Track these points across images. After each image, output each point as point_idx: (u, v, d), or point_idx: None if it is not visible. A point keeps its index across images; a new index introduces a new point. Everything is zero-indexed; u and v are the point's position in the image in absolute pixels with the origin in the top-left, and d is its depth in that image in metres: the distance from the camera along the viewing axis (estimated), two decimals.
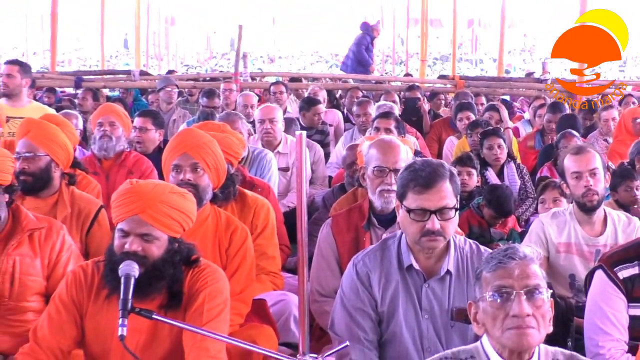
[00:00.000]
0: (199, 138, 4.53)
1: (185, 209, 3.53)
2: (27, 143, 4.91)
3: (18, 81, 7.45)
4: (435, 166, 3.63)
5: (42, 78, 12.05)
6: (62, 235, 4.22)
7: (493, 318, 2.72)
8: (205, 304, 3.45)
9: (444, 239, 3.58)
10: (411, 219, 3.55)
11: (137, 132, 6.91)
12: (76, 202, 5.00)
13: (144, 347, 3.43)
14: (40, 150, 4.89)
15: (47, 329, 3.52)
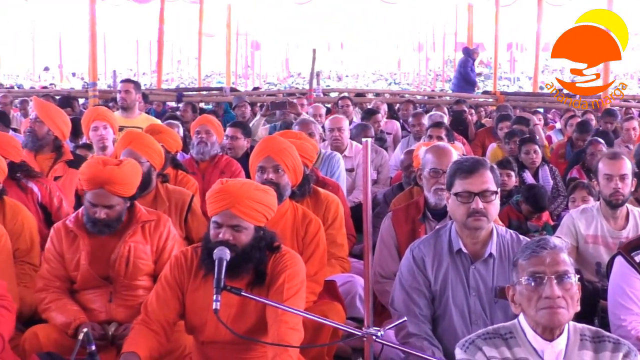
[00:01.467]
0: (280, 144, 4.56)
1: (268, 203, 3.54)
2: (131, 152, 4.96)
3: (133, 96, 7.59)
4: (477, 158, 3.75)
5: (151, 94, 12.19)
6: (168, 226, 4.26)
7: (528, 299, 2.70)
8: (285, 283, 3.45)
9: (487, 220, 3.58)
10: (458, 202, 3.58)
11: (229, 140, 6.96)
12: (172, 196, 5.12)
13: (234, 320, 3.45)
14: (143, 158, 4.95)
15: (155, 304, 3.58)
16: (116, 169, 4.04)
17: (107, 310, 4.07)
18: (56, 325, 3.97)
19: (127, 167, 4.12)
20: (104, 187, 4.00)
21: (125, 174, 4.08)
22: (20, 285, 4.42)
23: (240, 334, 3.36)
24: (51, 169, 5.87)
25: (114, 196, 4.03)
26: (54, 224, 5.02)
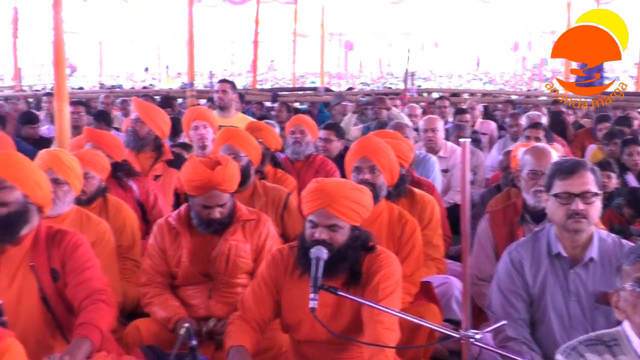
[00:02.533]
0: (376, 144, 4.55)
1: (364, 202, 3.53)
2: (230, 147, 5.06)
3: (230, 96, 7.72)
4: (577, 159, 3.66)
5: (246, 94, 12.35)
6: (267, 226, 4.30)
7: (633, 306, 2.59)
8: (381, 283, 3.44)
9: (587, 222, 3.48)
10: (557, 203, 3.49)
11: (323, 143, 6.99)
12: (269, 192, 5.20)
13: (329, 319, 3.46)
14: (241, 152, 5.04)
15: (252, 301, 3.62)
16: (224, 169, 4.09)
17: (206, 306, 4.15)
18: (157, 319, 4.07)
19: (232, 165, 4.18)
20: (215, 189, 4.07)
21: (232, 171, 4.14)
22: (123, 280, 4.56)
23: (336, 333, 3.37)
24: (151, 168, 6.02)
25: (225, 194, 4.11)
26: (149, 221, 5.18)
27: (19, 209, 3.45)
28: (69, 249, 3.52)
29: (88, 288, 3.44)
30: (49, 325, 3.53)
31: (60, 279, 3.51)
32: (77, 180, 4.39)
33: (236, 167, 4.25)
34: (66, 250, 3.52)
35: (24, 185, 3.46)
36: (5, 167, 3.45)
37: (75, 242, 3.55)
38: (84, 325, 3.27)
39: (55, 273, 3.50)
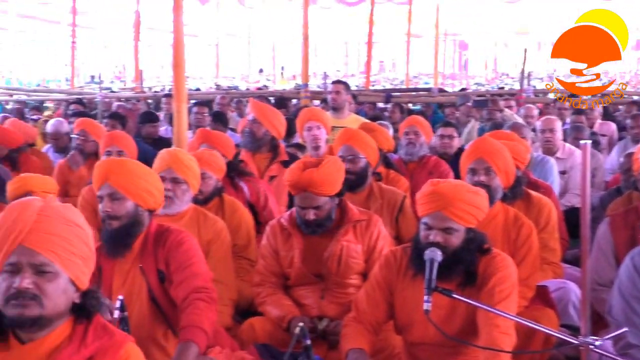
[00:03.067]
0: (492, 145, 4.48)
1: (480, 205, 3.49)
2: (349, 147, 5.09)
3: (343, 97, 7.75)
4: None
5: (359, 95, 12.38)
6: (378, 226, 4.30)
7: None
8: (496, 286, 3.39)
9: None
10: None
11: (445, 140, 6.94)
12: (385, 194, 5.19)
13: (443, 321, 3.43)
14: (360, 154, 5.06)
15: (365, 303, 3.64)
16: (315, 172, 4.08)
17: (318, 306, 4.18)
18: (271, 318, 4.14)
19: (326, 168, 4.14)
20: (307, 190, 4.10)
21: (325, 174, 4.11)
22: (238, 278, 4.64)
23: (450, 335, 3.35)
24: (267, 168, 6.09)
25: (319, 197, 4.11)
26: (261, 222, 5.26)
27: (130, 221, 3.56)
28: (172, 248, 3.59)
29: (187, 287, 3.48)
30: (159, 325, 3.63)
31: (167, 279, 3.59)
32: (195, 179, 4.49)
33: (335, 171, 4.21)
34: (170, 249, 3.59)
35: (135, 196, 3.56)
36: (119, 178, 3.54)
37: (178, 240, 3.61)
38: (186, 329, 3.32)
39: (162, 274, 3.59)
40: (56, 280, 2.26)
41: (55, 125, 8.06)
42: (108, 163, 3.62)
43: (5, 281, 2.23)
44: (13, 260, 2.23)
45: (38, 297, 2.22)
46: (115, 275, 3.58)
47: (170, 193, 4.36)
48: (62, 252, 2.27)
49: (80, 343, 2.31)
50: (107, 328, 2.38)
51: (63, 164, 6.81)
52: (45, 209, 2.29)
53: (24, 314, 2.21)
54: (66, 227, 2.30)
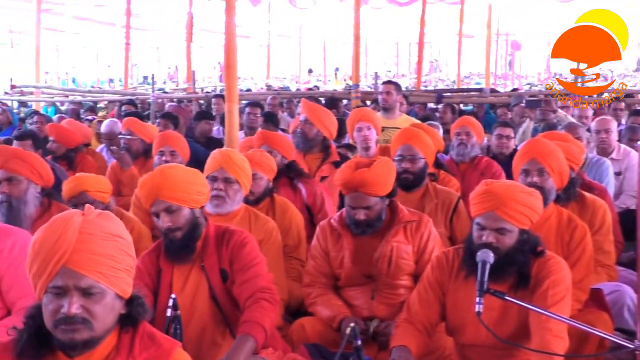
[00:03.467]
0: (546, 146, 4.43)
1: (533, 206, 3.46)
2: (409, 147, 5.09)
3: (394, 97, 7.73)
4: None
5: (410, 95, 12.32)
6: (429, 227, 4.27)
7: None
8: (550, 289, 3.36)
9: None
10: None
11: (503, 140, 6.88)
12: (439, 195, 5.19)
13: (495, 323, 3.40)
14: (420, 154, 5.06)
15: (418, 304, 3.63)
16: (367, 172, 4.08)
17: (369, 307, 4.17)
18: (321, 318, 4.14)
19: (378, 168, 4.14)
20: (359, 190, 4.10)
21: (376, 174, 4.11)
22: (289, 278, 4.66)
23: (502, 338, 3.32)
24: (318, 169, 6.11)
25: (370, 197, 4.11)
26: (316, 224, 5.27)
27: (191, 227, 3.59)
28: (236, 248, 3.62)
29: (253, 286, 3.51)
30: (218, 324, 3.65)
31: (229, 278, 3.61)
32: (247, 179, 4.52)
33: (386, 172, 4.21)
34: (234, 249, 3.62)
35: (189, 202, 3.58)
36: (170, 191, 3.53)
37: (242, 241, 3.64)
38: (247, 323, 3.33)
39: (225, 273, 3.61)
40: (103, 300, 2.24)
41: (109, 126, 8.19)
42: (153, 179, 3.58)
43: (51, 303, 2.21)
44: (58, 284, 2.20)
45: (88, 321, 2.21)
46: (175, 276, 3.62)
47: (222, 193, 4.40)
48: (107, 271, 2.24)
49: (128, 354, 2.31)
50: (154, 337, 2.37)
51: (115, 164, 6.92)
52: (86, 225, 2.25)
53: (74, 339, 2.21)
54: (109, 243, 2.27)
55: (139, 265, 3.60)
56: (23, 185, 4.42)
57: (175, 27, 24.60)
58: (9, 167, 4.42)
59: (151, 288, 3.61)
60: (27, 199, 4.38)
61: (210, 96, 13.26)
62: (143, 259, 3.67)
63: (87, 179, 4.76)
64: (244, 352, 3.20)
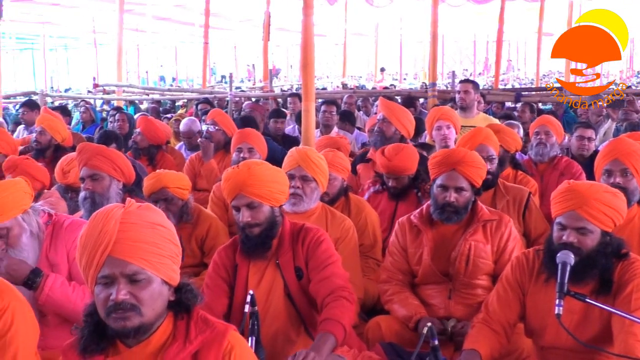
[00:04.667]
0: (629, 146, 4.33)
1: (617, 207, 3.37)
2: (484, 147, 5.05)
3: (472, 96, 7.65)
4: None
5: (488, 94, 12.16)
6: (509, 227, 4.20)
7: None
8: (634, 293, 3.25)
9: None
10: None
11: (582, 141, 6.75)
12: (510, 191, 5.14)
13: (576, 326, 3.33)
14: (495, 154, 5.03)
15: (496, 304, 3.58)
16: (469, 152, 4.17)
17: (445, 306, 4.13)
18: (397, 317, 4.12)
19: (477, 155, 4.24)
20: (455, 169, 4.11)
21: (476, 157, 4.20)
22: (364, 277, 4.65)
23: (583, 341, 3.24)
24: None
25: (464, 179, 4.11)
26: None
27: (270, 224, 3.61)
28: (312, 246, 3.62)
29: (330, 285, 3.50)
30: (293, 321, 3.65)
31: (304, 276, 3.62)
32: (324, 177, 4.53)
33: (481, 160, 4.26)
34: (309, 247, 3.62)
35: (270, 200, 3.60)
36: (253, 188, 3.55)
37: (317, 239, 3.64)
38: (327, 321, 3.32)
39: (300, 271, 3.62)
40: (150, 286, 2.32)
41: (188, 124, 8.33)
42: (239, 174, 3.61)
43: (101, 293, 2.30)
44: (106, 273, 2.29)
45: (136, 307, 2.29)
46: (250, 272, 3.64)
47: (299, 191, 4.42)
48: (151, 257, 2.32)
49: (185, 339, 2.38)
50: (207, 320, 2.43)
51: (194, 157, 7.03)
52: (127, 215, 2.34)
53: (126, 326, 2.29)
54: (150, 231, 2.35)
55: (215, 259, 3.70)
56: (106, 182, 4.52)
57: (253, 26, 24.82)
58: (92, 164, 4.53)
59: (227, 282, 3.65)
60: (109, 195, 4.48)
61: (287, 95, 13.33)
62: (219, 253, 3.72)
63: (167, 175, 4.85)
64: (326, 349, 3.18)
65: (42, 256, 3.54)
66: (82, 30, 26.96)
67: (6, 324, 2.71)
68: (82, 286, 3.46)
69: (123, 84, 16.74)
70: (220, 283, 3.62)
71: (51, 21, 24.58)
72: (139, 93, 17.56)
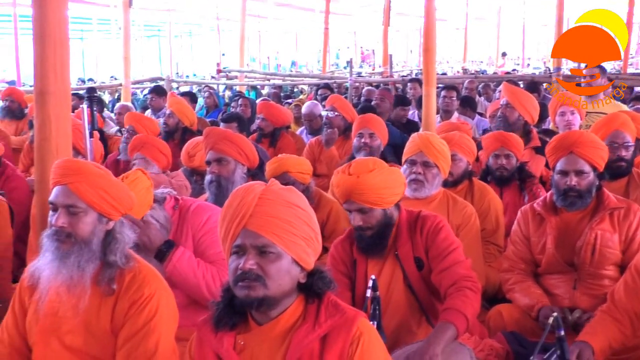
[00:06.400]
0: None
1: None
2: (620, 134, 4.94)
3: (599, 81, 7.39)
4: None
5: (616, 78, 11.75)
6: (638, 215, 4.02)
7: None
8: None
9: None
10: None
11: None
12: None
13: None
14: (631, 141, 4.89)
15: (623, 293, 3.45)
16: (585, 133, 4.07)
17: (570, 297, 4.02)
18: (519, 306, 4.03)
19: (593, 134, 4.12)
20: (573, 152, 4.00)
21: (595, 138, 4.07)
22: (485, 264, 4.58)
23: None
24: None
25: (584, 162, 4.00)
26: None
27: (381, 227, 3.56)
28: (430, 234, 3.56)
29: (453, 274, 3.42)
30: (414, 312, 3.61)
31: (425, 266, 3.56)
32: (446, 163, 4.49)
33: (602, 144, 4.13)
34: (428, 236, 3.56)
35: (385, 203, 3.54)
36: (366, 196, 3.49)
37: (436, 226, 3.57)
38: (448, 311, 3.25)
39: (420, 261, 3.56)
40: (279, 261, 2.36)
41: (310, 107, 8.41)
42: (347, 181, 3.52)
43: (233, 262, 2.39)
44: (238, 243, 2.38)
45: (261, 278, 2.34)
46: (369, 266, 3.62)
47: (420, 177, 4.39)
48: (283, 234, 2.37)
49: (314, 322, 2.40)
50: (338, 306, 2.44)
51: (314, 142, 7.08)
52: (266, 192, 2.42)
53: (250, 295, 2.34)
54: (287, 209, 2.40)
55: (333, 254, 3.69)
56: (231, 166, 4.62)
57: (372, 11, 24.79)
58: (218, 148, 4.63)
59: (347, 276, 3.64)
60: (234, 179, 4.57)
61: (406, 80, 13.25)
62: (336, 247, 3.71)
63: (290, 159, 4.91)
64: (444, 338, 3.11)
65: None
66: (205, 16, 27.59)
67: (151, 310, 2.83)
68: (207, 264, 3.56)
69: (245, 69, 17.03)
70: (340, 277, 3.60)
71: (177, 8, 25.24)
72: (260, 79, 17.84)
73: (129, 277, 2.88)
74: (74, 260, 2.82)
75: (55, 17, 3.68)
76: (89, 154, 4.83)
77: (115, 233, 2.93)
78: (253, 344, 2.44)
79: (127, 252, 2.96)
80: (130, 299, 2.84)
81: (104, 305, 2.88)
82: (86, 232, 2.85)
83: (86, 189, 2.84)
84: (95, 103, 4.53)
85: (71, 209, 2.83)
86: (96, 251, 2.87)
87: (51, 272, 2.85)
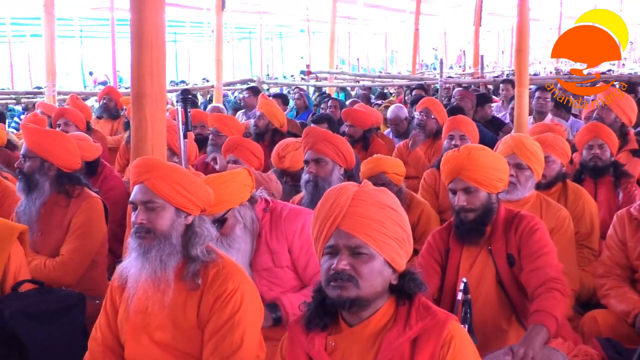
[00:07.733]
0: None
1: None
2: None
3: None
4: None
5: None
6: None
7: None
8: None
9: None
10: None
11: None
12: None
13: None
14: None
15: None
16: None
17: None
18: (615, 312, 3.94)
19: None
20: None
21: None
22: (579, 268, 4.49)
23: None
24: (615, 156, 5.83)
25: None
26: None
27: (485, 210, 3.58)
28: (525, 234, 3.54)
29: (542, 275, 3.40)
30: (504, 309, 3.59)
31: (516, 264, 3.54)
32: (539, 165, 4.44)
33: None
34: (522, 235, 3.55)
35: (488, 186, 3.57)
36: (471, 172, 3.55)
37: (532, 227, 3.55)
38: (539, 313, 3.23)
39: (511, 258, 3.55)
40: (371, 262, 2.37)
41: (395, 111, 8.39)
42: (458, 157, 3.61)
43: (326, 263, 2.41)
44: (331, 243, 2.39)
45: (354, 279, 2.35)
46: (463, 257, 3.63)
47: (513, 179, 4.35)
48: (376, 235, 2.38)
49: (405, 324, 2.40)
50: (429, 308, 2.43)
51: (402, 145, 7.06)
52: (359, 193, 2.43)
53: (342, 295, 2.35)
54: (380, 210, 2.41)
55: (429, 241, 3.73)
56: (329, 167, 4.66)
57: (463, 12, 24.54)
58: (317, 148, 4.67)
59: (440, 264, 3.67)
60: (331, 179, 4.60)
61: (497, 81, 13.08)
62: (434, 235, 3.74)
63: (386, 160, 4.94)
64: (539, 340, 3.10)
65: (261, 243, 3.68)
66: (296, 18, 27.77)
67: (236, 304, 2.89)
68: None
69: (335, 70, 17.09)
70: (432, 264, 3.64)
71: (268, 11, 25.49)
72: (349, 80, 17.87)
73: (213, 272, 2.94)
74: (156, 255, 2.90)
75: (153, 22, 3.78)
76: (183, 154, 4.94)
77: (195, 227, 2.99)
78: (344, 345, 2.45)
79: (209, 247, 3.02)
80: (215, 293, 2.90)
81: (190, 300, 2.95)
82: (165, 226, 2.92)
83: (161, 184, 2.91)
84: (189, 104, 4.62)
85: (149, 205, 2.91)
86: (177, 245, 2.94)
87: (137, 270, 2.94)
